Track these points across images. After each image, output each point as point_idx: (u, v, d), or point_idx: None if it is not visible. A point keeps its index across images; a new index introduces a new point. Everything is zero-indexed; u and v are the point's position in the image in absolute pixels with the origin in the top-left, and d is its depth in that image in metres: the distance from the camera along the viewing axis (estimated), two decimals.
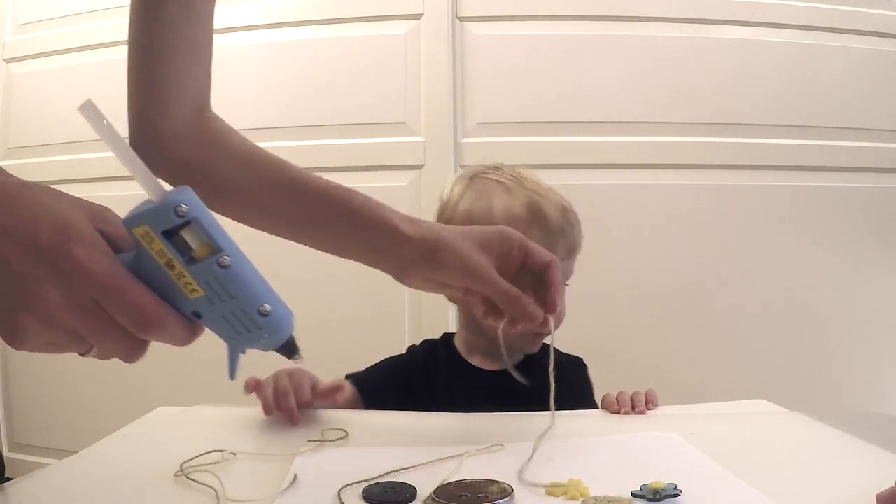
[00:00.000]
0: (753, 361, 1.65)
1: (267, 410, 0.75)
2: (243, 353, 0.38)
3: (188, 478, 0.53)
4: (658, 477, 0.49)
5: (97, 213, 0.35)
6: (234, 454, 0.59)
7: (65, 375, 1.88)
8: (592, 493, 0.48)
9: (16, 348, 0.34)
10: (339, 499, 0.48)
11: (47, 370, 1.90)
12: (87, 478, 0.57)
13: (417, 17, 1.72)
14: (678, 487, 0.47)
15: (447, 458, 0.56)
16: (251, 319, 0.36)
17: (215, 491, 0.50)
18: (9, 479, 0.57)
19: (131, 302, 0.34)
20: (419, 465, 0.54)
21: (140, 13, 0.61)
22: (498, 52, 1.72)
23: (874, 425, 0.73)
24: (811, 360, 1.69)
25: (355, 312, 1.68)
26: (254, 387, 0.78)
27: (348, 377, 0.90)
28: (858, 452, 0.61)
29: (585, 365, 0.98)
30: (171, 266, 0.34)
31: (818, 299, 1.71)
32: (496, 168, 0.93)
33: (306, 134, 1.73)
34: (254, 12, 1.78)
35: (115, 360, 0.39)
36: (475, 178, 0.93)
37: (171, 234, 0.33)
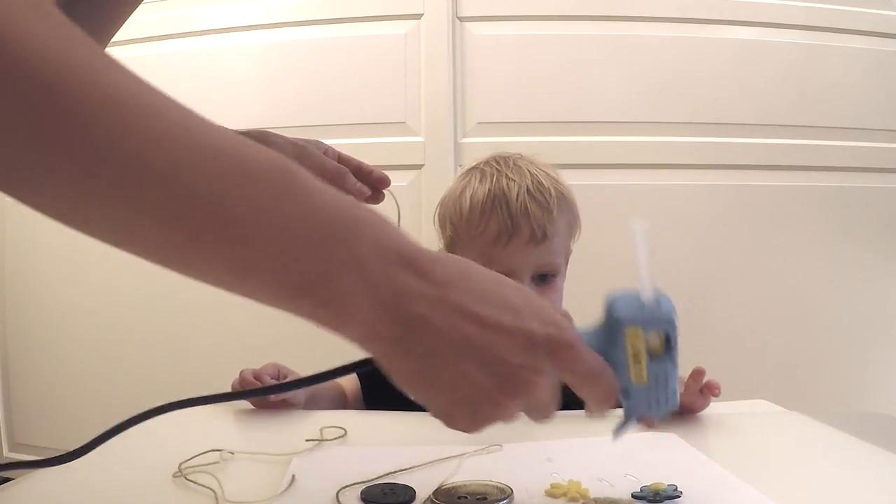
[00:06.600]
0: (753, 361, 1.65)
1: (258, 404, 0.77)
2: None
3: (187, 479, 0.53)
4: (658, 478, 0.49)
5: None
6: (233, 453, 0.59)
7: (65, 375, 1.88)
8: (592, 495, 0.48)
9: (469, 432, 0.39)
10: (338, 500, 0.48)
11: (47, 370, 1.91)
12: (87, 478, 0.57)
13: (417, 17, 1.72)
14: (678, 489, 0.47)
15: (446, 458, 0.56)
16: (667, 400, 0.43)
17: (214, 493, 0.50)
18: (9, 480, 0.57)
19: (608, 385, 0.41)
20: (418, 465, 0.54)
21: None
22: (498, 52, 1.72)
23: (874, 425, 0.73)
24: (811, 360, 1.69)
25: None
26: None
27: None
28: (858, 452, 0.61)
29: None
30: (636, 359, 0.42)
31: (818, 299, 1.70)
32: (500, 158, 0.94)
33: (306, 134, 1.69)
34: (254, 12, 1.78)
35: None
36: (471, 169, 0.95)
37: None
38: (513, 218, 0.85)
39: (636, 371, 0.42)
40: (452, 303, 0.36)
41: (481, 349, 0.36)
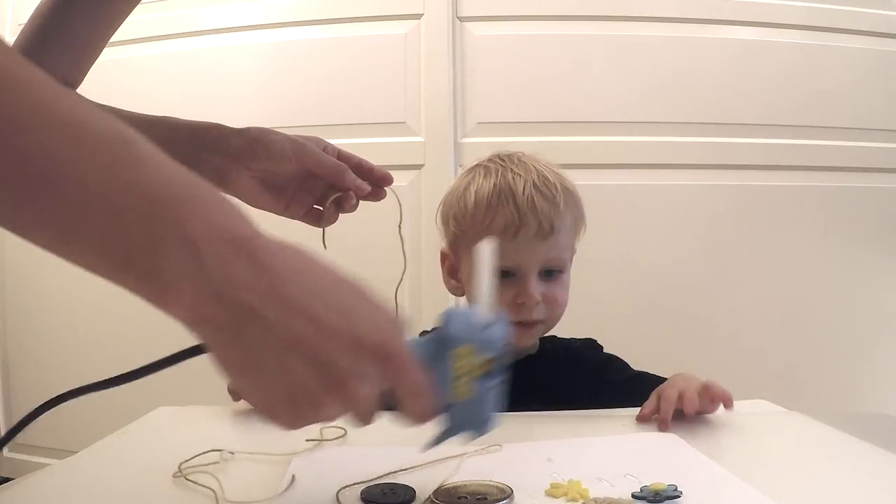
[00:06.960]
0: (753, 361, 1.65)
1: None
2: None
3: (187, 479, 0.53)
4: (658, 478, 0.49)
5: (380, 305, 0.40)
6: (233, 453, 0.59)
7: (65, 376, 1.87)
8: (592, 495, 0.48)
9: (288, 429, 0.39)
10: (338, 500, 0.48)
11: (47, 370, 1.90)
12: (87, 478, 0.57)
13: (417, 17, 1.72)
14: (678, 488, 0.47)
15: (446, 458, 0.55)
16: (486, 420, 0.45)
17: (214, 493, 0.50)
18: (9, 480, 0.57)
19: (428, 402, 0.41)
20: (418, 465, 0.54)
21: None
22: (498, 52, 1.72)
23: (874, 425, 0.73)
24: (811, 360, 1.69)
25: None
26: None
27: None
28: (858, 452, 0.61)
29: (599, 346, 0.96)
30: (462, 376, 0.43)
31: (818, 299, 1.70)
32: (504, 155, 0.93)
33: (306, 134, 1.73)
34: (254, 12, 1.78)
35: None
36: (474, 166, 0.94)
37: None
38: (519, 211, 0.84)
39: (460, 387, 0.43)
40: (285, 297, 0.35)
41: (309, 347, 0.36)
